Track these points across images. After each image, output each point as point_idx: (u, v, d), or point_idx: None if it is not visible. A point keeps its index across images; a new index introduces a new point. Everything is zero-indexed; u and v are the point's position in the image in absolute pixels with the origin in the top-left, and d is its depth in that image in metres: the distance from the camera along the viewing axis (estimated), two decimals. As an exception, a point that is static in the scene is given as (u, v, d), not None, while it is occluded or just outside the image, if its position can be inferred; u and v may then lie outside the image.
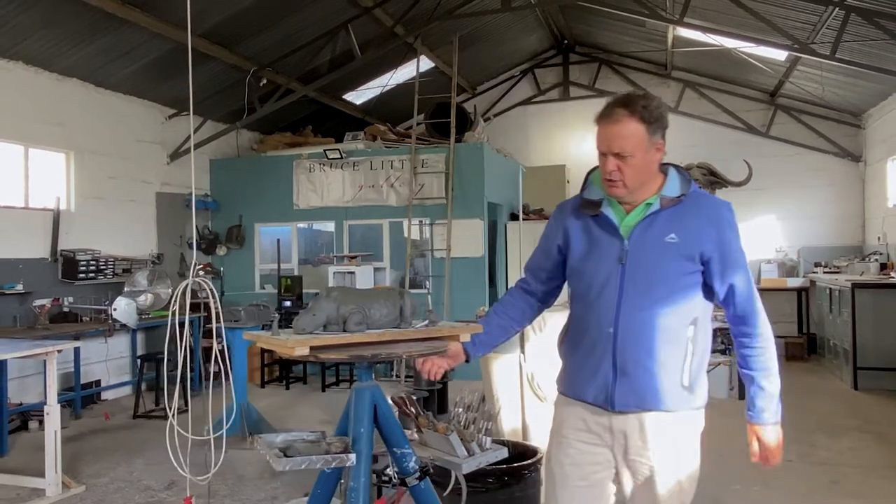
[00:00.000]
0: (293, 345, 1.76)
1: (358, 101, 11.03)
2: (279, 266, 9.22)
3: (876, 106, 9.75)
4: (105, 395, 7.71)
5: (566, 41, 11.76)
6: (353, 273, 8.65)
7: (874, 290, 7.79)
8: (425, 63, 9.88)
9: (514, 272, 9.18)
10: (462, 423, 2.27)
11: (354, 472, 1.93)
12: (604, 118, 2.11)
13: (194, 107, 8.95)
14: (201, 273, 3.40)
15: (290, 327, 2.02)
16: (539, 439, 3.97)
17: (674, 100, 11.42)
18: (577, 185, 10.04)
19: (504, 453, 2.23)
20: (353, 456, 1.91)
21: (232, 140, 9.97)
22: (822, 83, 8.86)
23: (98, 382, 7.57)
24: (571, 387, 2.23)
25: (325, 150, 9.22)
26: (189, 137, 9.06)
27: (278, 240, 9.36)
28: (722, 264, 2.11)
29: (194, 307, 9.00)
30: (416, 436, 2.25)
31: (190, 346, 4.68)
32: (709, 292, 2.16)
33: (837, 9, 6.78)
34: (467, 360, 2.33)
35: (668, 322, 2.10)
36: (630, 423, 2.13)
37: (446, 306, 8.30)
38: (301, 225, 9.99)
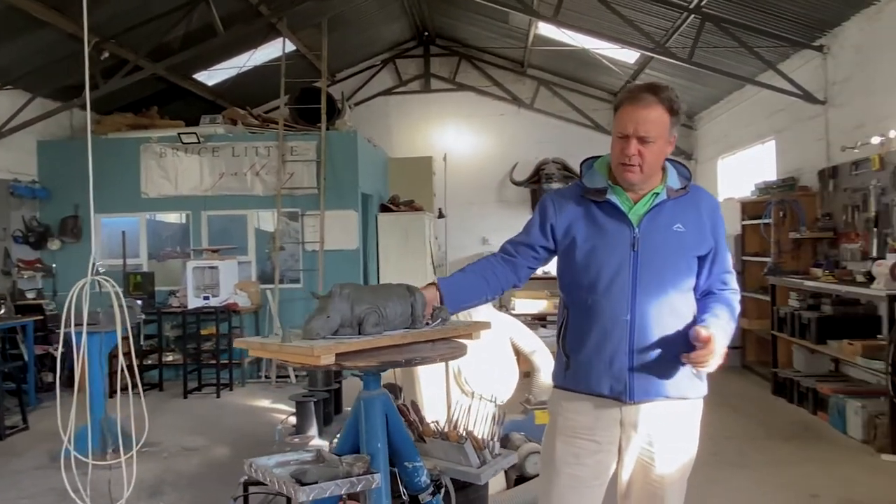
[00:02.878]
0: (320, 353, 1.49)
1: (210, 82, 10.21)
2: (125, 262, 8.29)
3: (707, 109, 10.74)
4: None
5: (427, 33, 11.74)
6: (215, 268, 8.01)
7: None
8: (287, 46, 9.35)
9: (387, 266, 9.00)
10: (455, 428, 2.10)
11: (376, 494, 1.70)
12: (631, 101, 2.09)
13: (18, 81, 7.78)
14: (101, 270, 2.89)
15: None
16: (467, 435, 3.87)
17: (529, 97, 11.84)
18: (442, 176, 10.00)
19: (514, 458, 2.09)
20: (378, 476, 1.68)
21: (64, 120, 8.79)
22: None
23: None
24: (581, 381, 2.14)
25: (178, 134, 8.42)
26: (13, 117, 7.85)
27: (123, 232, 8.41)
28: (716, 253, 2.20)
29: (25, 309, 7.84)
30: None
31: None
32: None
33: (693, 15, 7.34)
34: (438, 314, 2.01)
35: (680, 308, 2.14)
36: (642, 414, 2.11)
37: (320, 301, 7.94)
38: (147, 216, 9.05)
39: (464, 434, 1.97)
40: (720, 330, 2.04)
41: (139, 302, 7.84)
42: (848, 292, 5.78)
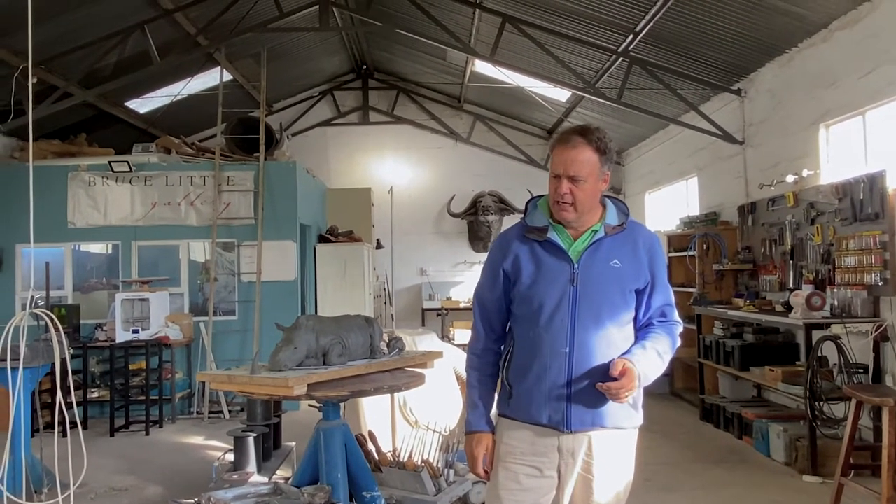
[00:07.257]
0: (294, 384, 1.52)
1: (142, 110, 10.00)
2: (48, 293, 7.92)
3: (635, 146, 11.24)
4: None
5: (365, 66, 11.88)
6: (145, 300, 7.75)
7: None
8: (224, 75, 9.28)
9: (325, 297, 8.93)
10: (411, 458, 2.14)
11: (337, 523, 1.71)
12: (562, 143, 2.21)
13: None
14: (40, 303, 2.80)
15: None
16: (412, 466, 3.89)
17: (466, 131, 12.11)
18: (381, 207, 10.15)
19: (468, 485, 2.14)
20: (340, 505, 1.70)
21: (-15, 146, 8.43)
22: (600, 124, 9.98)
23: None
24: (522, 411, 2.23)
25: (109, 162, 8.18)
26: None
27: (47, 263, 8.06)
28: (653, 287, 2.30)
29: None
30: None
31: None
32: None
33: (622, 59, 7.73)
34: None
35: (616, 341, 2.22)
36: (578, 442, 2.20)
37: (256, 333, 7.80)
38: (73, 246, 8.71)
39: (420, 463, 2.01)
40: (645, 362, 2.14)
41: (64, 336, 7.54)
42: (768, 321, 6.12)
